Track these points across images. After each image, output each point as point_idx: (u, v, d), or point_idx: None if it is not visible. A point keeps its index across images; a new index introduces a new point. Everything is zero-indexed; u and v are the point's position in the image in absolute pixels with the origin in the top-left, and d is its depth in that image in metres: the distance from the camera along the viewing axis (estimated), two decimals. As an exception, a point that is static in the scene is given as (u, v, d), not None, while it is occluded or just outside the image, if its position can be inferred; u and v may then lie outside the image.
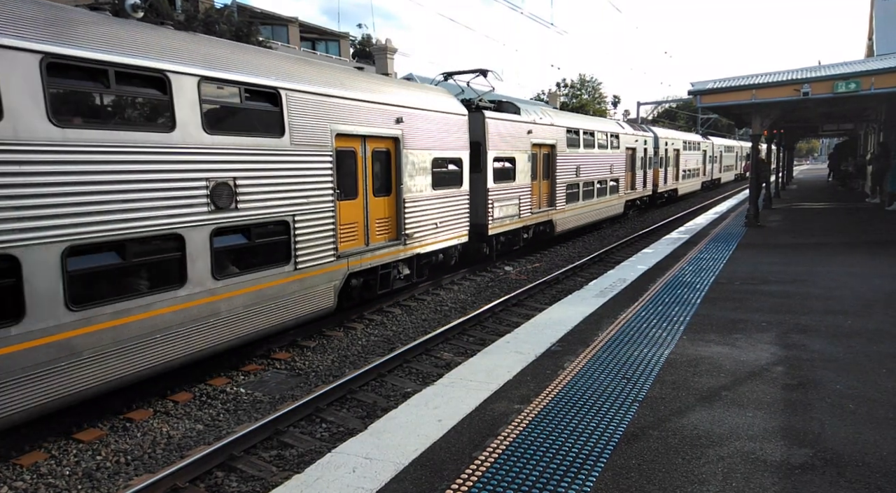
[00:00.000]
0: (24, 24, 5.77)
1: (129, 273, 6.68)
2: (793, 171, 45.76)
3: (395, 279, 11.59)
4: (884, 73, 12.89)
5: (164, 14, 8.31)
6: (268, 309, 8.38)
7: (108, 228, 6.37)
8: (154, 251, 6.94)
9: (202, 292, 7.40)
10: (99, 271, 6.38)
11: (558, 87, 67.76)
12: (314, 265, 9.17)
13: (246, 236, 8.07)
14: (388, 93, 10.98)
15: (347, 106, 9.76)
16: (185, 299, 7.22)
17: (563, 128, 18.53)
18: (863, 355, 6.10)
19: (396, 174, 11.20)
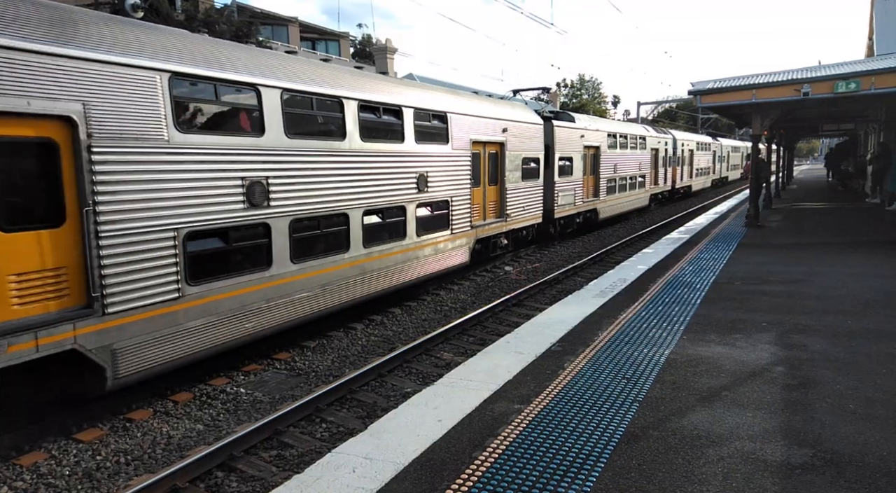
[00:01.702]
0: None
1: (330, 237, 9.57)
2: (793, 171, 45.82)
3: (498, 247, 15.81)
4: (884, 73, 12.89)
5: (164, 14, 8.31)
6: (439, 258, 12.46)
7: (314, 207, 9.10)
8: (396, 214, 11.02)
9: (412, 242, 11.55)
10: (307, 237, 9.01)
11: (558, 86, 67.77)
12: (461, 231, 13.24)
13: (430, 209, 12.06)
14: (498, 110, 15.11)
15: (478, 121, 13.83)
16: (405, 247, 11.34)
17: (605, 132, 22.32)
18: (863, 355, 6.10)
19: (501, 169, 15.14)
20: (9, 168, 5.71)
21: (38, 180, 5.94)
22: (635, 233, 21.80)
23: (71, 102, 6.00)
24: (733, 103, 15.07)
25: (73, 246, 6.11)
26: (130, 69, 6.54)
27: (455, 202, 12.84)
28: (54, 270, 6.00)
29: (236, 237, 7.87)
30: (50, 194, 5.99)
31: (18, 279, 5.72)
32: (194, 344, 7.34)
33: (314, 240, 9.15)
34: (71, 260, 6.11)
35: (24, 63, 5.65)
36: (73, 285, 6.16)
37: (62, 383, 6.56)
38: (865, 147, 30.49)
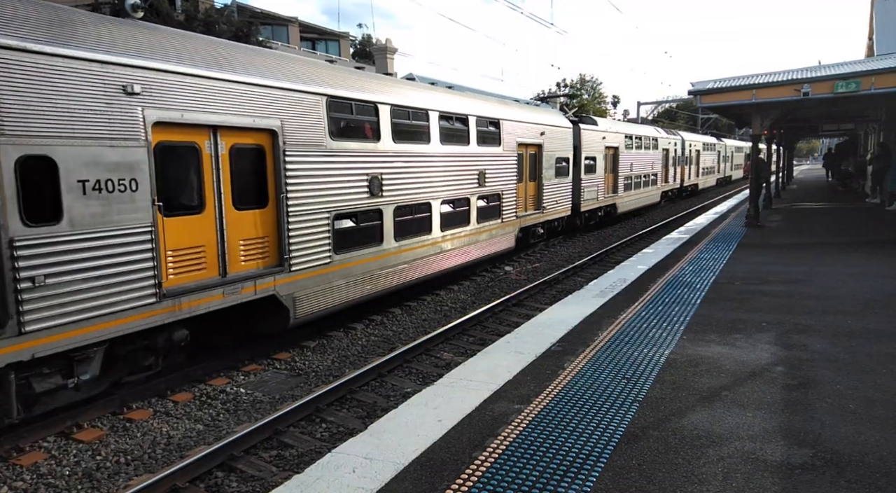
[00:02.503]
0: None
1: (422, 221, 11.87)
2: (793, 171, 45.86)
3: (536, 235, 18.01)
4: (884, 73, 12.89)
5: (163, 14, 8.36)
6: (492, 242, 14.61)
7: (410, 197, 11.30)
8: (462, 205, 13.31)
9: (474, 228, 13.74)
10: (404, 221, 11.16)
11: (558, 86, 67.74)
12: (508, 221, 15.42)
13: (486, 201, 14.22)
14: (537, 116, 17.50)
15: (522, 126, 15.90)
16: (469, 232, 13.57)
17: (623, 134, 24.46)
18: (863, 355, 6.10)
19: (539, 168, 17.22)
20: (240, 167, 7.96)
21: (254, 175, 8.21)
22: (635, 233, 21.80)
23: (273, 119, 8.33)
24: (733, 103, 15.07)
25: (273, 222, 8.50)
26: (307, 95, 8.91)
27: (504, 196, 15.09)
28: (262, 238, 8.37)
29: (363, 219, 10.20)
30: (260, 185, 8.30)
31: (245, 244, 8.12)
32: (337, 298, 9.69)
33: (409, 223, 11.42)
34: (271, 232, 8.48)
35: (253, 93, 8.02)
36: (272, 250, 8.52)
37: (258, 322, 8.82)
38: (865, 147, 30.49)
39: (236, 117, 7.77)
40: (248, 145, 8.06)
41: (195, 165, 7.44)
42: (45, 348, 5.96)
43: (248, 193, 8.09)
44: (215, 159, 7.62)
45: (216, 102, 7.52)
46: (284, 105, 8.50)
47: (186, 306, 7.26)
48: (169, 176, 7.13)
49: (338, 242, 9.55)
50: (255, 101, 8.03)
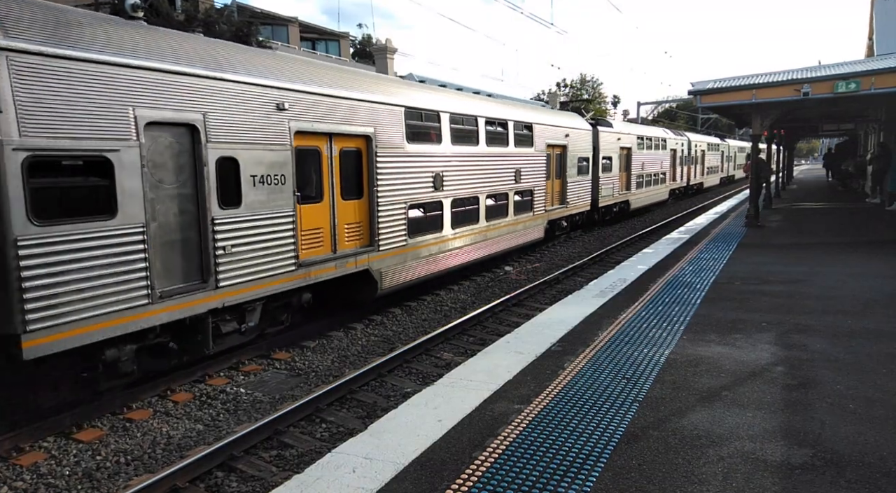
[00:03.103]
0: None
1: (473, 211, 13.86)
2: (793, 171, 45.90)
3: (560, 228, 19.75)
4: (884, 73, 12.88)
5: (164, 14, 8.37)
6: (525, 232, 16.48)
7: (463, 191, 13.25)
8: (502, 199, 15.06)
9: (511, 219, 15.53)
10: (458, 212, 13.03)
11: (558, 86, 67.74)
12: (539, 214, 17.22)
13: (521, 196, 15.99)
14: (563, 120, 19.46)
15: (551, 129, 17.82)
16: (507, 222, 15.32)
17: (636, 135, 26.06)
18: (863, 355, 6.10)
19: (564, 166, 19.08)
20: (346, 165, 9.94)
21: (354, 172, 10.15)
22: (635, 233, 21.80)
23: (369, 127, 10.27)
24: (733, 103, 15.07)
25: (366, 210, 10.43)
26: (392, 106, 10.87)
27: (536, 191, 16.92)
28: (358, 223, 10.30)
29: (428, 209, 12.12)
30: (357, 180, 10.26)
31: (348, 227, 10.09)
32: (409, 275, 11.61)
33: (461, 214, 13.30)
34: (365, 218, 10.43)
35: (356, 106, 10.01)
36: (365, 233, 10.46)
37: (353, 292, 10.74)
38: (865, 147, 30.49)
39: (344, 126, 9.80)
40: (350, 148, 10.08)
41: (317, 164, 9.43)
42: (230, 299, 7.95)
43: (350, 187, 10.10)
44: (330, 160, 9.63)
45: (332, 114, 9.53)
46: (376, 115, 10.49)
47: (313, 274, 9.33)
48: (302, 173, 9.06)
49: (410, 228, 11.56)
50: (356, 112, 10.02)
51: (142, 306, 6.85)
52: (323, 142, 9.45)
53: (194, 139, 7.42)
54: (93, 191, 6.49)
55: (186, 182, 7.39)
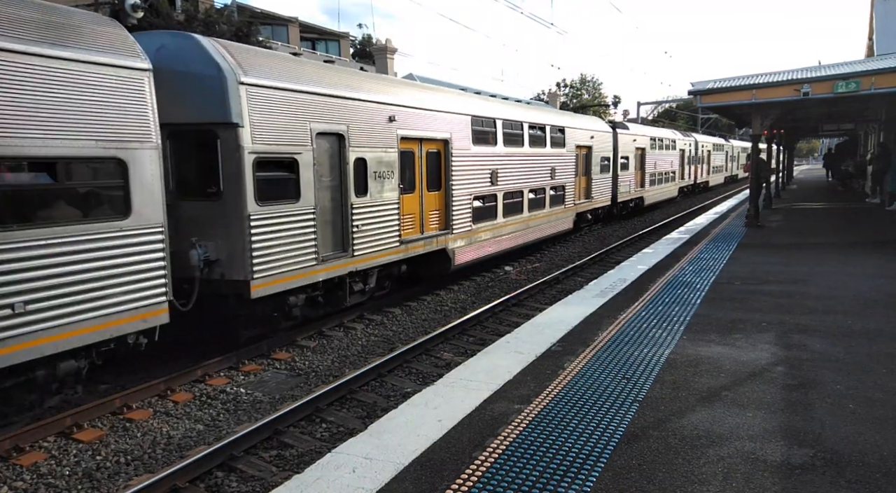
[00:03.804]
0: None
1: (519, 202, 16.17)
2: (793, 171, 45.94)
3: (585, 220, 21.72)
4: (884, 74, 12.88)
5: (163, 14, 8.36)
6: (558, 223, 18.58)
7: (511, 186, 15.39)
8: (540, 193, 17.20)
9: (547, 211, 17.68)
10: (508, 203, 15.28)
11: (558, 87, 67.76)
12: (569, 207, 19.37)
13: (555, 191, 18.12)
14: (589, 123, 21.80)
15: (580, 132, 20.10)
16: (544, 214, 17.50)
17: (649, 136, 28.28)
18: (863, 355, 6.10)
19: (589, 165, 21.18)
20: (430, 164, 12.24)
21: (435, 169, 12.49)
22: (635, 233, 21.81)
23: (446, 133, 12.64)
24: (733, 103, 15.06)
25: (443, 200, 12.77)
26: (462, 115, 13.28)
27: (567, 187, 19.06)
28: (438, 210, 12.67)
29: (486, 200, 14.39)
30: (437, 175, 12.59)
31: (430, 213, 12.40)
32: (473, 256, 13.91)
33: (510, 205, 15.49)
34: (442, 206, 12.74)
35: (439, 116, 12.29)
36: (442, 219, 12.82)
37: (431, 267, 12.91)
38: (865, 147, 30.49)
39: (430, 132, 12.11)
40: (433, 150, 12.42)
41: (412, 163, 11.75)
42: (360, 266, 10.32)
43: (432, 181, 12.46)
44: (420, 159, 11.97)
45: (423, 123, 11.87)
46: (452, 123, 12.82)
47: (410, 249, 11.71)
48: (403, 169, 11.31)
49: (474, 215, 13.83)
50: (439, 121, 12.39)
51: (312, 266, 9.25)
52: (416, 145, 11.88)
53: (341, 145, 9.81)
54: (286, 182, 8.79)
55: (335, 177, 9.79)
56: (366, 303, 11.24)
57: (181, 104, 7.73)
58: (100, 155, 6.47)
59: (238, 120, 7.92)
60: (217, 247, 8.11)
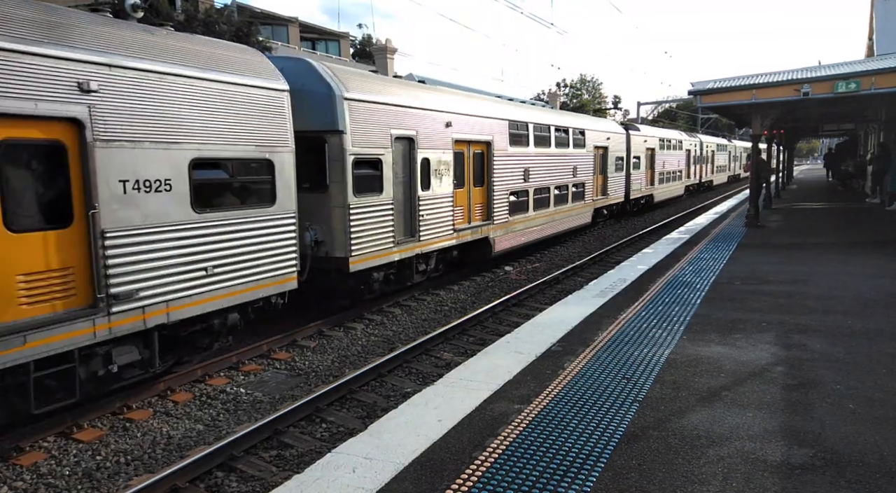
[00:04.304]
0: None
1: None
2: (793, 171, 45.96)
3: (602, 215, 23.31)
4: (884, 74, 12.88)
5: (163, 14, 8.38)
6: (578, 217, 20.29)
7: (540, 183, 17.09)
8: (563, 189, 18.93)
9: (569, 206, 19.31)
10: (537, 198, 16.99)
11: (558, 87, 67.72)
12: (588, 202, 21.11)
13: (576, 188, 19.88)
14: (605, 125, 23.88)
15: (597, 133, 21.87)
16: (567, 208, 19.20)
17: (658, 137, 29.85)
18: (863, 355, 6.10)
19: (605, 164, 22.77)
20: (476, 163, 13.98)
21: (479, 167, 14.25)
22: (635, 233, 21.81)
23: (488, 136, 14.33)
24: (733, 103, 15.06)
25: (486, 195, 14.49)
26: (501, 120, 14.96)
27: (586, 184, 20.72)
28: (482, 203, 14.34)
29: (520, 195, 16.06)
30: (481, 173, 14.34)
31: (476, 207, 14.10)
32: (508, 244, 15.57)
33: (539, 200, 17.22)
34: (485, 200, 14.47)
35: (484, 121, 14.30)
36: (485, 211, 14.51)
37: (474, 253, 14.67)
38: (865, 147, 30.48)
39: (476, 136, 13.85)
40: (478, 151, 14.16)
41: (461, 162, 13.43)
42: (424, 249, 12.18)
43: (477, 178, 14.13)
44: (468, 159, 13.68)
45: (471, 127, 13.66)
46: (493, 127, 14.61)
47: (461, 237, 13.52)
48: (456, 168, 13.08)
49: (510, 209, 15.48)
50: (483, 125, 14.18)
51: (390, 248, 11.07)
52: (465, 147, 13.60)
53: (411, 147, 11.60)
54: (374, 178, 10.64)
55: (406, 173, 11.52)
56: (423, 283, 13.06)
57: (299, 116, 9.06)
58: (257, 157, 8.20)
59: (342, 128, 9.92)
60: (324, 230, 10.14)
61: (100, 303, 6.24)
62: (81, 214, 6.13)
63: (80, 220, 6.12)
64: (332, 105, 9.83)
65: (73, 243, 6.07)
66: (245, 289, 8.03)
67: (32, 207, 5.85)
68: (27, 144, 5.78)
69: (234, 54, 8.15)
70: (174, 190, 6.99)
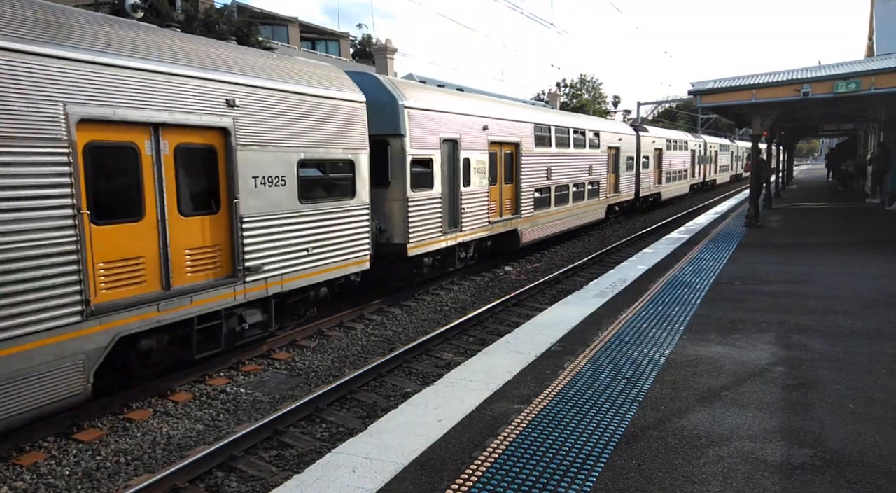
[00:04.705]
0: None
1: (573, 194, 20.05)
2: (793, 171, 45.97)
3: (613, 212, 24.62)
4: (884, 73, 12.88)
5: (163, 14, 8.40)
6: (593, 213, 21.70)
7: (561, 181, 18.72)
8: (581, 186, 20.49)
9: (585, 202, 20.85)
10: (558, 194, 18.57)
11: (558, 87, 67.73)
12: (602, 200, 22.47)
13: (592, 185, 21.17)
14: (617, 127, 25.31)
15: (610, 135, 23.24)
16: (584, 205, 20.82)
17: (665, 139, 31.42)
18: (863, 355, 6.10)
19: (617, 164, 24.19)
20: (507, 162, 15.45)
21: (510, 166, 15.66)
22: (635, 233, 21.81)
23: (517, 138, 15.75)
24: (733, 103, 15.06)
25: (515, 191, 15.93)
26: (527, 123, 16.44)
27: (601, 182, 22.14)
28: (512, 198, 15.85)
29: (543, 192, 17.58)
30: (511, 171, 15.72)
31: (506, 201, 15.65)
32: (534, 236, 17.15)
33: (560, 197, 18.71)
34: (514, 196, 15.95)
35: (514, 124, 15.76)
36: (514, 206, 15.98)
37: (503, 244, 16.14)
38: (865, 147, 30.48)
39: (507, 137, 15.35)
40: (508, 151, 15.68)
41: (494, 161, 14.94)
42: (465, 239, 13.80)
43: (508, 176, 15.61)
44: (500, 158, 15.25)
45: (504, 130, 15.20)
46: (522, 130, 16.13)
47: (495, 229, 15.10)
48: (490, 166, 14.65)
49: (535, 204, 17.01)
50: (513, 128, 15.63)
51: (438, 236, 12.76)
52: (498, 147, 15.08)
53: (455, 148, 13.20)
54: (426, 175, 12.25)
55: (451, 171, 13.12)
56: (461, 269, 14.65)
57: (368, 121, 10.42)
58: (343, 157, 9.82)
59: (403, 132, 11.53)
60: (386, 220, 11.63)
61: (238, 274, 7.94)
62: (226, 203, 7.83)
63: (225, 208, 7.83)
64: (395, 113, 11.44)
65: (220, 226, 7.80)
66: (334, 267, 9.69)
67: (194, 197, 7.47)
68: (192, 148, 7.41)
69: (326, 72, 9.77)
70: (287, 185, 8.64)
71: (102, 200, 6.46)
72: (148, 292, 6.91)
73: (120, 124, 6.53)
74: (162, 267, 7.06)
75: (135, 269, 6.80)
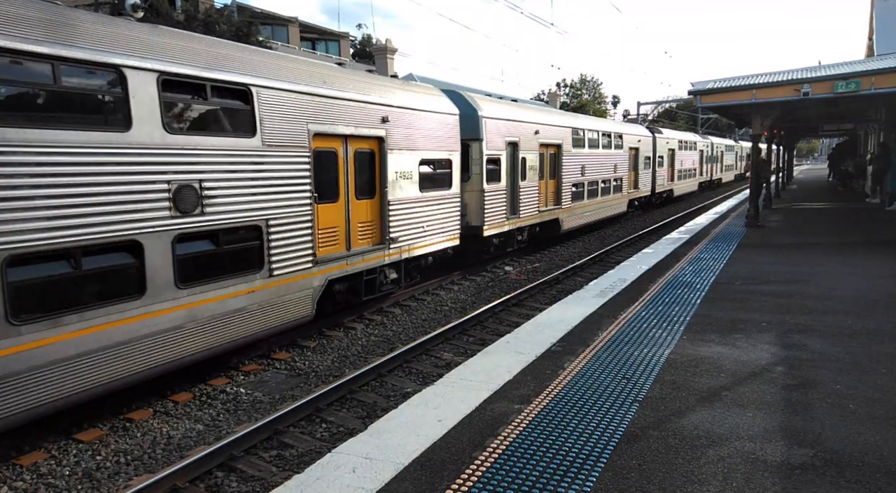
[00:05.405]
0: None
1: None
2: (793, 171, 45.97)
3: (633, 206, 27.03)
4: (884, 73, 12.87)
5: (163, 14, 8.40)
6: (616, 207, 24.35)
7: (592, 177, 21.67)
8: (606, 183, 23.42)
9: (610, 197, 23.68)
10: (590, 189, 21.64)
11: (558, 87, 67.71)
12: (624, 195, 25.09)
13: (616, 181, 24.33)
14: (636, 130, 27.90)
15: (631, 136, 25.79)
16: (608, 199, 23.54)
17: (677, 139, 34.05)
18: (863, 355, 6.10)
19: (636, 162, 26.64)
20: (552, 161, 18.48)
21: (554, 164, 18.54)
22: (635, 233, 21.81)
23: (559, 140, 18.54)
24: (733, 103, 15.06)
25: (557, 185, 18.76)
26: (566, 128, 19.21)
27: (623, 179, 24.63)
28: (555, 192, 18.75)
29: (578, 186, 20.06)
30: (554, 169, 18.58)
31: (550, 195, 18.60)
32: (571, 224, 19.74)
33: (591, 191, 21.23)
34: (556, 189, 18.77)
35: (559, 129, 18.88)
36: (556, 198, 18.77)
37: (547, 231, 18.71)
38: (865, 147, 30.48)
39: (553, 140, 18.05)
40: (552, 152, 18.26)
41: (542, 160, 17.51)
42: (521, 224, 16.75)
43: (552, 172, 18.28)
44: (546, 157, 17.86)
45: (549, 134, 17.77)
46: (563, 133, 18.79)
47: (542, 217, 17.82)
48: (539, 164, 17.24)
49: (572, 197, 19.58)
50: (556, 132, 18.29)
51: (503, 221, 15.66)
52: (545, 149, 17.66)
53: (515, 149, 15.97)
54: (496, 171, 15.14)
55: (512, 168, 15.81)
56: (514, 252, 17.12)
57: None
58: (445, 157, 12.73)
59: (482, 137, 14.52)
60: (466, 207, 14.24)
61: (386, 242, 10.90)
62: (379, 191, 10.75)
63: (378, 194, 10.76)
64: (475, 121, 14.38)
65: (375, 207, 10.75)
66: (437, 242, 12.59)
67: (362, 186, 10.33)
68: (362, 152, 10.32)
69: (434, 93, 12.92)
70: (412, 178, 11.50)
71: (320, 187, 9.28)
72: (340, 251, 9.89)
73: (329, 136, 9.45)
74: (347, 234, 10.08)
75: (334, 235, 9.80)
